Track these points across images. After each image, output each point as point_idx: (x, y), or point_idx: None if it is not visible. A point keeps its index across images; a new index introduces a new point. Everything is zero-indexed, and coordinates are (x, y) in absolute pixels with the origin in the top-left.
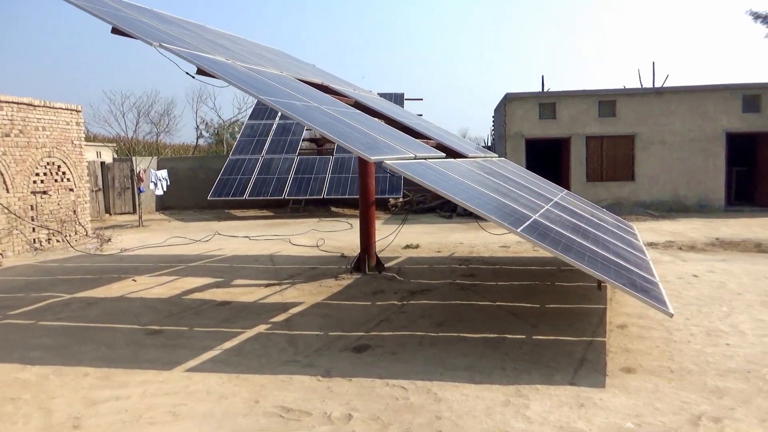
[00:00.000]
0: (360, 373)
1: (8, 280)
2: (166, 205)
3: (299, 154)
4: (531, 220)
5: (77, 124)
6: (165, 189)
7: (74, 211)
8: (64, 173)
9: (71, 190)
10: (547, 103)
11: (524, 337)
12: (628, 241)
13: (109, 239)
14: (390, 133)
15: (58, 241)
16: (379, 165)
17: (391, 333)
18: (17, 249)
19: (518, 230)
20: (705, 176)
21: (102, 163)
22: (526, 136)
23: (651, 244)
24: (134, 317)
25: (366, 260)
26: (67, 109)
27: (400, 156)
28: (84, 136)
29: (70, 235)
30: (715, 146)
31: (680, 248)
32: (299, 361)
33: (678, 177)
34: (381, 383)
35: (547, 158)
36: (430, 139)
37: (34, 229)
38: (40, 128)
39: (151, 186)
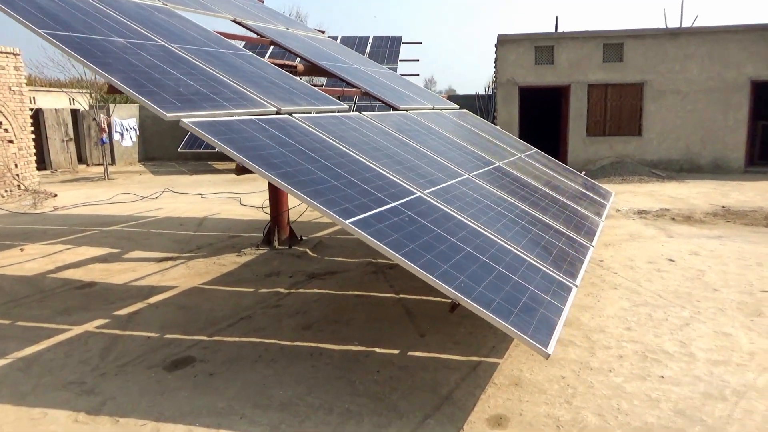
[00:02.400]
0: (140, 408)
1: None
2: (150, 155)
3: None
4: (397, 203)
5: (15, 68)
6: (134, 139)
7: (15, 164)
8: (0, 123)
9: (11, 141)
10: (544, 46)
11: (397, 352)
12: (578, 221)
13: (55, 195)
14: (267, 79)
15: None
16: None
17: (236, 339)
18: None
19: (347, 221)
20: (723, 131)
21: (75, 111)
22: (519, 84)
23: (641, 213)
24: None
25: (276, 232)
26: (2, 53)
27: (242, 111)
28: (25, 81)
29: (10, 190)
30: (738, 97)
31: (673, 219)
32: (84, 383)
33: (692, 132)
34: (151, 429)
35: (543, 110)
36: (357, 88)
37: None
38: None
39: (116, 137)
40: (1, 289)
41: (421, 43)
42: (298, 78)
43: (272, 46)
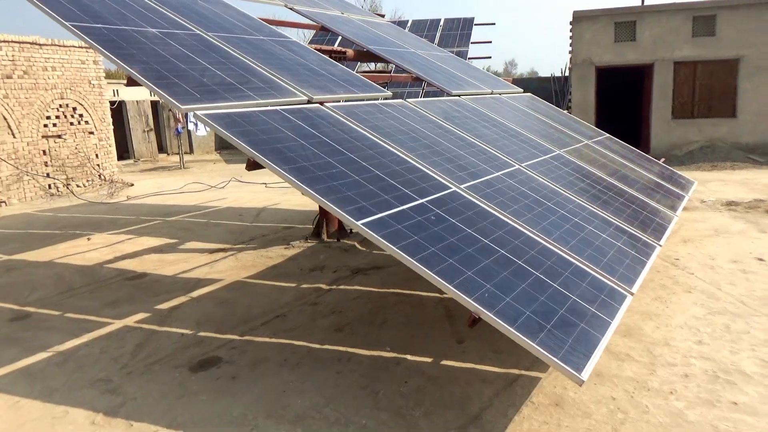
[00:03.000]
0: (156, 412)
1: None
2: (225, 144)
3: None
4: (425, 199)
5: (94, 62)
6: (207, 129)
7: (96, 154)
8: (81, 115)
9: (91, 133)
10: (624, 21)
11: (430, 360)
12: (646, 217)
13: (131, 184)
14: (306, 67)
15: (78, 186)
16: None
17: (266, 339)
18: (29, 196)
19: (359, 222)
20: None
21: (155, 102)
22: (596, 64)
23: (729, 204)
24: (28, 291)
25: (325, 224)
26: (81, 47)
27: (268, 101)
28: (103, 74)
29: (92, 180)
30: None
31: (767, 211)
32: (110, 382)
33: None
34: None
35: (623, 92)
36: (408, 73)
37: (48, 175)
38: (49, 68)
39: (191, 126)
40: (61, 278)
41: (494, 23)
42: (341, 65)
43: (330, 34)
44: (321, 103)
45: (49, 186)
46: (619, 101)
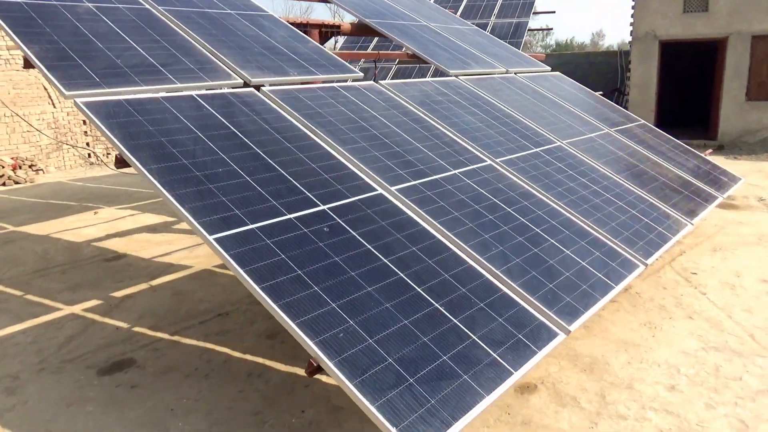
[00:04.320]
0: (38, 420)
1: None
2: None
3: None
4: (305, 212)
5: None
6: None
7: None
8: None
9: None
10: None
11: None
12: (645, 226)
13: None
14: (265, 44)
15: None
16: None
17: (192, 341)
18: (69, 164)
19: (210, 237)
20: None
21: None
22: (661, 38)
23: None
24: (8, 267)
25: None
26: None
27: (186, 85)
28: None
29: None
30: None
31: None
32: (17, 379)
33: None
34: None
35: (690, 69)
36: (404, 48)
37: (88, 144)
38: None
39: None
40: (45, 255)
41: (554, 12)
42: (314, 41)
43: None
44: (258, 87)
45: (89, 155)
46: (686, 80)
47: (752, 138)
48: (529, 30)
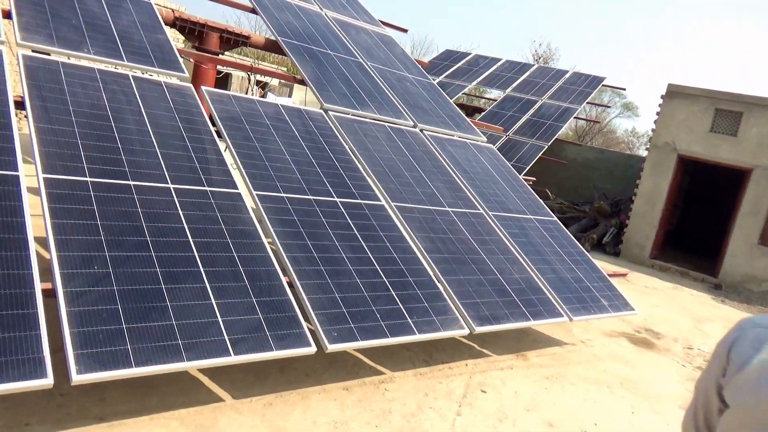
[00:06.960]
0: None
1: None
2: None
3: None
4: None
5: None
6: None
7: None
8: None
9: None
10: (728, 110)
11: None
12: None
13: None
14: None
15: None
16: None
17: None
18: None
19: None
20: None
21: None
22: (680, 152)
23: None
24: None
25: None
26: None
27: None
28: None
29: None
30: None
31: None
32: None
33: None
34: None
35: (705, 194)
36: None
37: None
38: None
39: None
40: None
41: (624, 89)
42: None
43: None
44: None
45: None
46: (703, 204)
47: (756, 287)
48: (575, 117)
